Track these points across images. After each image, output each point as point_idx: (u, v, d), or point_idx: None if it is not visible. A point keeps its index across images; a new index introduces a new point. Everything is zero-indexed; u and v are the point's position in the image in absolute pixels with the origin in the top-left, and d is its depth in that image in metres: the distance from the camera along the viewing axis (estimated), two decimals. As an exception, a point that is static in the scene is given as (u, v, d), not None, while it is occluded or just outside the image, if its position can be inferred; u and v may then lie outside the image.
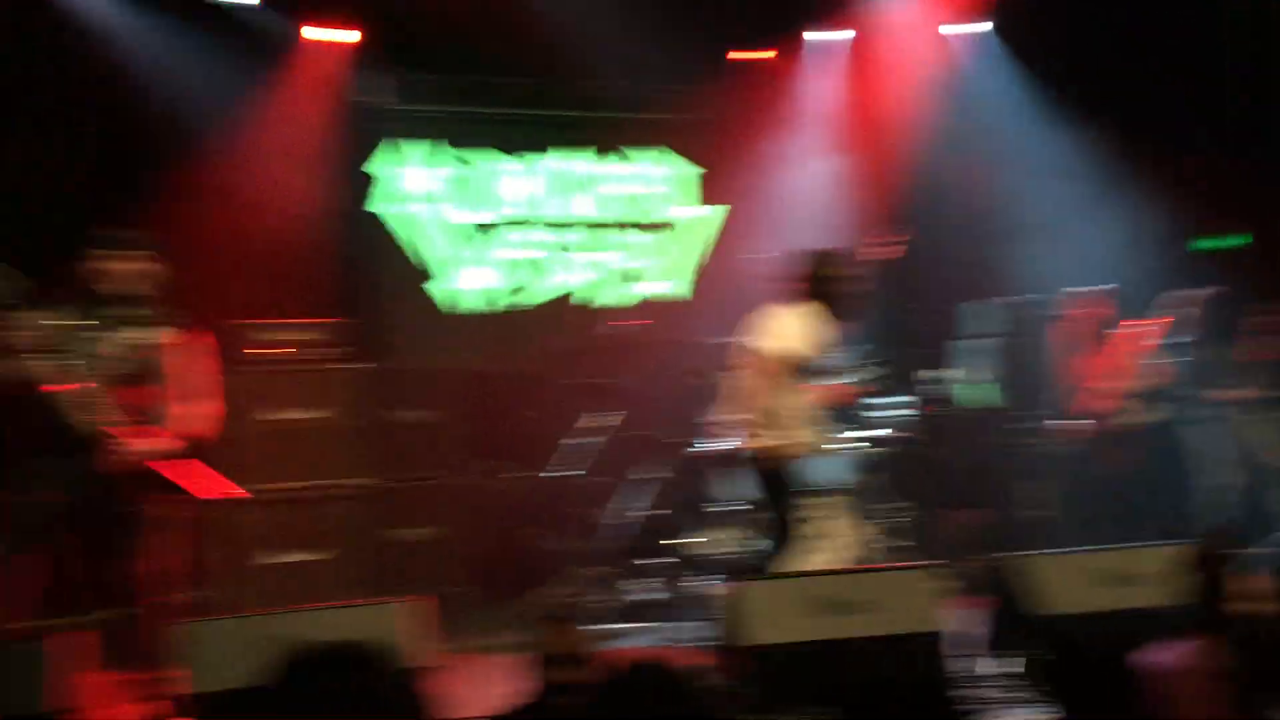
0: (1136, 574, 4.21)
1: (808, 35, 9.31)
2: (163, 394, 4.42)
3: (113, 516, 4.08)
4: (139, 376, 4.25)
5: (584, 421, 6.61)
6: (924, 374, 7.48)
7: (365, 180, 8.71)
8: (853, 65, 9.22)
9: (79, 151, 7.38)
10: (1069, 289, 7.43)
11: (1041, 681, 4.12)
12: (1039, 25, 8.52)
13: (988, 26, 9.01)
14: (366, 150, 8.74)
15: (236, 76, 7.77)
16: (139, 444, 4.26)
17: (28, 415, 4.23)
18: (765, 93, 9.27)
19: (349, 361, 6.92)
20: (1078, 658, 3.99)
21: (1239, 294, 7.30)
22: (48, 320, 4.22)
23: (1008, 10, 8.76)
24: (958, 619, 4.68)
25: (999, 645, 4.35)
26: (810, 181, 9.04)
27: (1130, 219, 7.85)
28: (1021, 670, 4.19)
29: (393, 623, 3.90)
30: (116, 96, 7.40)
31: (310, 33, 8.35)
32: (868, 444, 6.62)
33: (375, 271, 8.68)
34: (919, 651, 4.12)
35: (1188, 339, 7.02)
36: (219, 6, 7.94)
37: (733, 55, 9.29)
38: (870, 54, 9.03)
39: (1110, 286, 7.30)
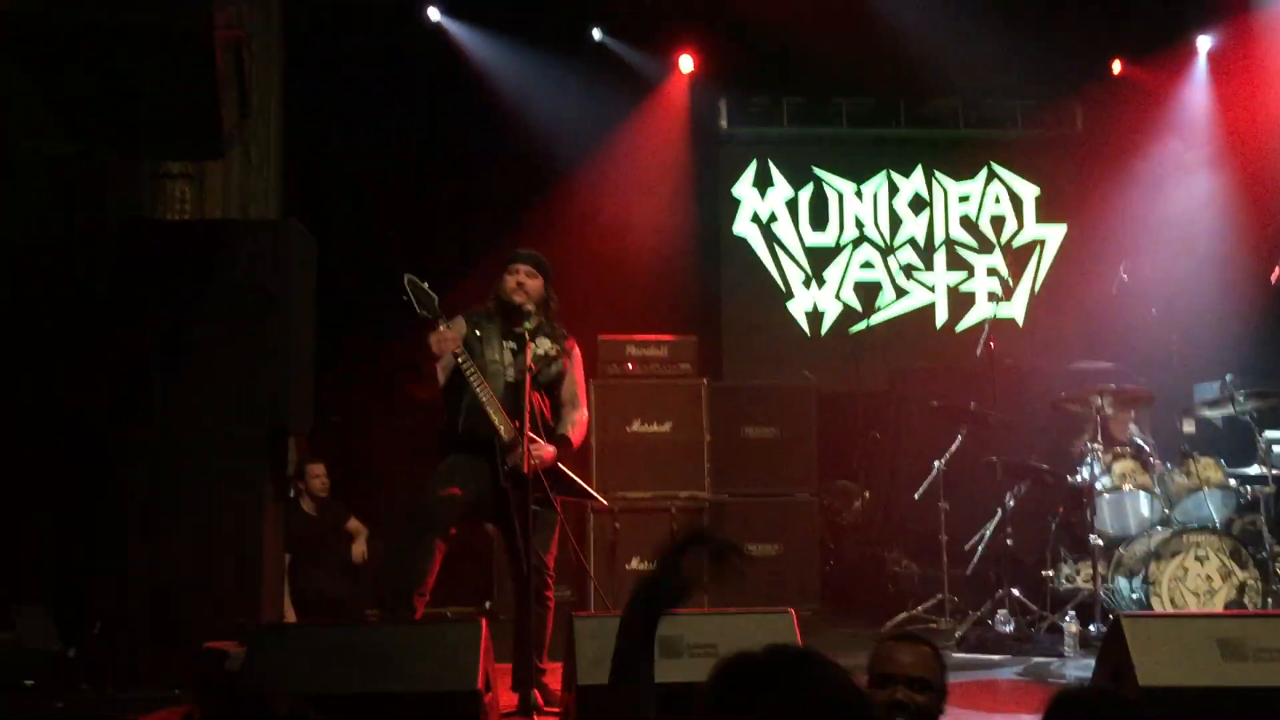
0: None
1: (1198, 41, 8.74)
2: (554, 402, 4.71)
3: (521, 514, 4.37)
4: (534, 385, 4.53)
5: (950, 444, 6.49)
6: None
7: (720, 203, 8.97)
8: (1229, 76, 8.58)
9: (467, 181, 8.06)
10: None
11: None
12: None
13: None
14: (720, 174, 9.01)
15: (600, 108, 8.23)
16: (547, 448, 4.55)
17: (445, 416, 4.62)
18: (1128, 107, 8.80)
19: (698, 377, 7.12)
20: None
21: None
22: (460, 330, 4.59)
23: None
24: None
25: None
26: (1179, 198, 8.50)
27: None
28: None
29: (790, 629, 3.97)
30: (506, 129, 8.01)
31: (677, 63, 8.69)
32: (1248, 481, 6.15)
33: (728, 291, 8.92)
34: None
35: None
36: (587, 42, 8.44)
37: (1113, 68, 8.89)
38: (1251, 64, 8.37)
39: None
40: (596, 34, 8.53)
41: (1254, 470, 6.24)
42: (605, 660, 3.96)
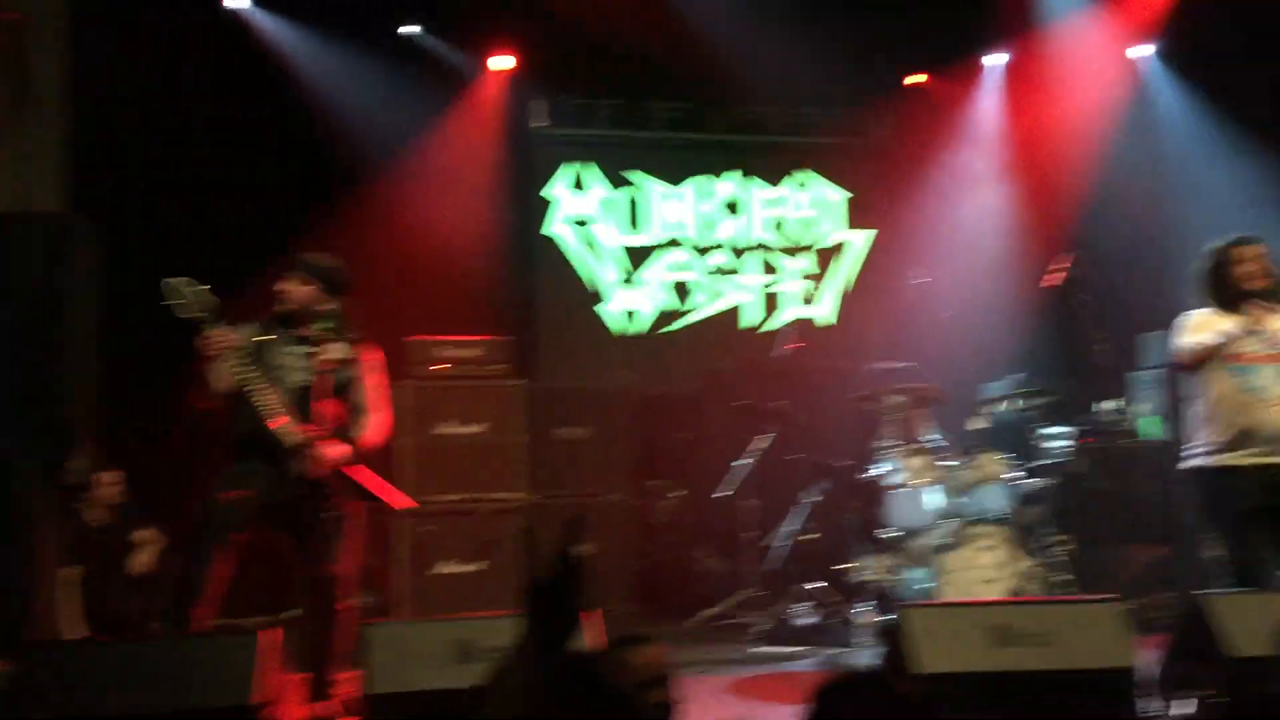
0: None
1: (985, 60, 9.16)
2: (345, 406, 4.63)
3: (310, 521, 4.28)
4: (323, 389, 4.46)
5: (751, 444, 6.62)
6: (1103, 405, 7.28)
7: (533, 203, 8.95)
8: (1020, 90, 9.04)
9: (267, 176, 7.79)
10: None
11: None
12: (1207, 47, 8.23)
13: (1151, 50, 8.76)
14: (534, 174, 9.00)
15: (412, 104, 8.10)
16: (333, 452, 4.46)
17: (229, 422, 4.47)
18: (927, 117, 9.18)
19: (510, 378, 7.07)
20: (1266, 702, 3.82)
21: None
22: (241, 334, 4.47)
23: (1176, 33, 8.47)
24: (1141, 657, 4.55)
25: (1175, 686, 4.20)
26: (973, 206, 8.91)
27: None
28: (1197, 713, 4.05)
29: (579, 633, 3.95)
30: (302, 123, 7.78)
31: (491, 62, 8.62)
32: (1029, 475, 6.48)
33: (538, 292, 8.91)
34: (1109, 689, 4.00)
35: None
36: (399, 37, 8.29)
37: (907, 81, 9.22)
38: (1038, 78, 8.84)
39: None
40: (409, 28, 8.40)
41: (1036, 464, 6.58)
42: (399, 669, 3.95)
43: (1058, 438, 7.05)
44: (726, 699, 5.04)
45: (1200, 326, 4.79)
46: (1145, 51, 8.83)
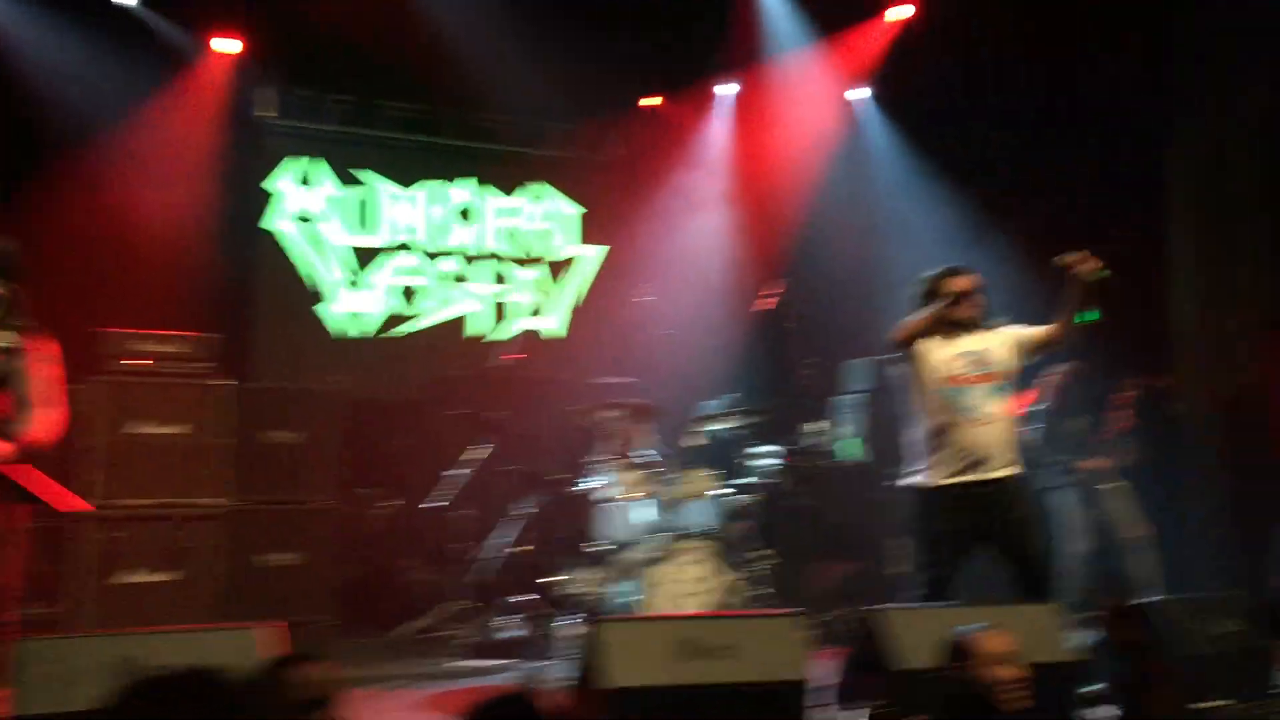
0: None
1: (717, 89, 9.44)
2: (8, 400, 4.26)
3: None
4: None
5: (465, 454, 6.53)
6: (807, 426, 7.61)
7: (254, 195, 8.56)
8: (746, 120, 9.39)
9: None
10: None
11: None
12: (916, 92, 8.80)
13: (867, 92, 9.30)
14: (257, 165, 8.60)
15: (126, 81, 7.58)
16: None
17: None
18: (660, 139, 9.39)
19: (216, 378, 6.71)
20: (928, 711, 4.07)
21: (1096, 367, 7.61)
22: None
23: (888, 78, 9.02)
24: (820, 669, 4.76)
25: (851, 697, 4.42)
26: (697, 229, 9.17)
27: (1001, 285, 8.11)
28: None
29: (252, 649, 3.78)
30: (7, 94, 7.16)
31: (214, 44, 8.18)
32: (737, 491, 6.70)
33: (255, 288, 8.52)
34: (782, 700, 4.15)
35: (1045, 409, 7.28)
36: (113, 7, 7.75)
37: (642, 102, 9.39)
38: (764, 111, 9.21)
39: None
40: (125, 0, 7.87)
41: (743, 481, 6.81)
42: (55, 688, 3.64)
43: (765, 456, 7.33)
44: (421, 714, 4.93)
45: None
46: (861, 93, 9.34)
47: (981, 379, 4.81)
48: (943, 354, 4.85)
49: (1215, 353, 8.14)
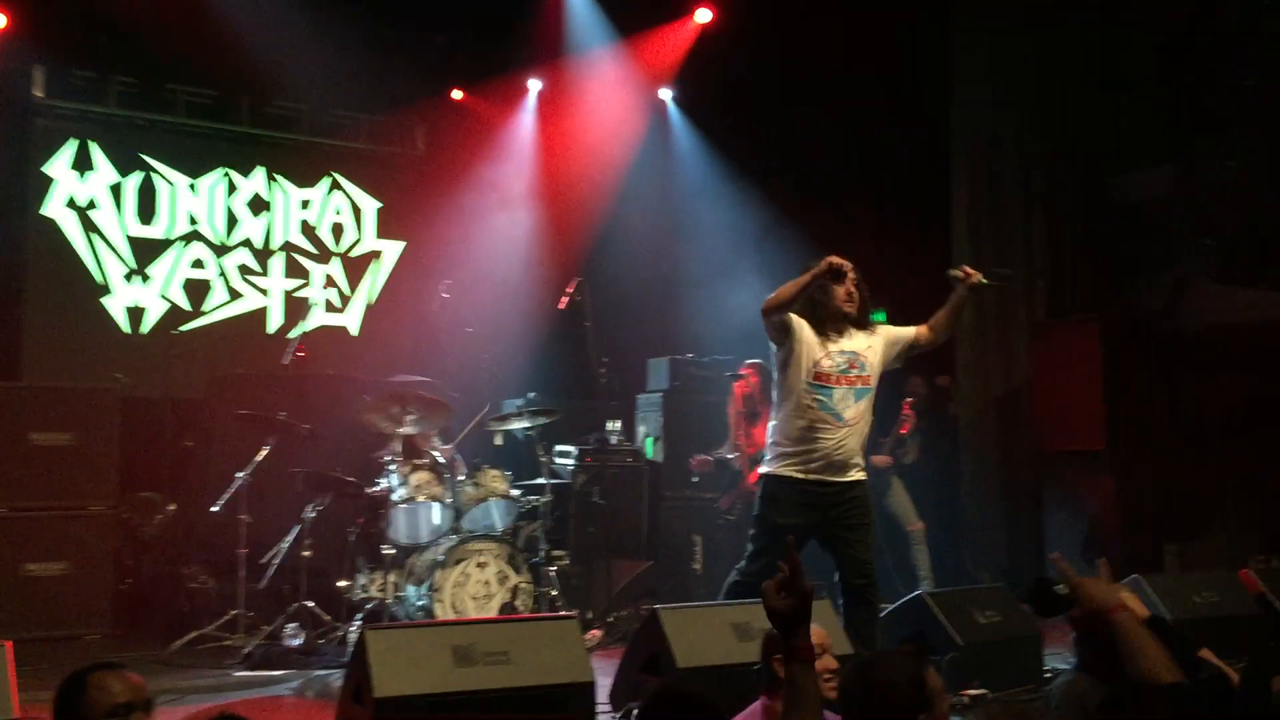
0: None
1: (524, 83, 9.37)
2: None
3: None
4: None
5: (253, 455, 6.27)
6: (609, 426, 7.62)
7: (28, 181, 8.05)
8: (550, 116, 9.36)
9: None
10: (741, 356, 7.56)
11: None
12: (714, 92, 8.96)
13: (669, 93, 9.41)
14: (31, 149, 8.09)
15: None
16: None
17: None
18: (461, 133, 9.26)
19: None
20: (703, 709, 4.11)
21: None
22: None
23: (690, 80, 9.15)
24: (603, 669, 4.76)
25: (628, 696, 4.45)
26: (498, 225, 9.09)
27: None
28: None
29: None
30: None
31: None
32: (531, 492, 6.67)
33: (25, 279, 8.02)
34: (569, 702, 4.13)
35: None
36: None
37: (445, 95, 9.24)
38: (567, 108, 9.20)
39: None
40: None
41: (538, 481, 6.77)
42: None
43: (562, 456, 7.32)
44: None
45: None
46: (664, 94, 9.44)
47: (850, 381, 4.74)
48: (818, 349, 4.74)
49: (991, 352, 8.57)
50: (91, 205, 8.32)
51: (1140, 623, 2.81)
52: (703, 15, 8.88)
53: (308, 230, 9.12)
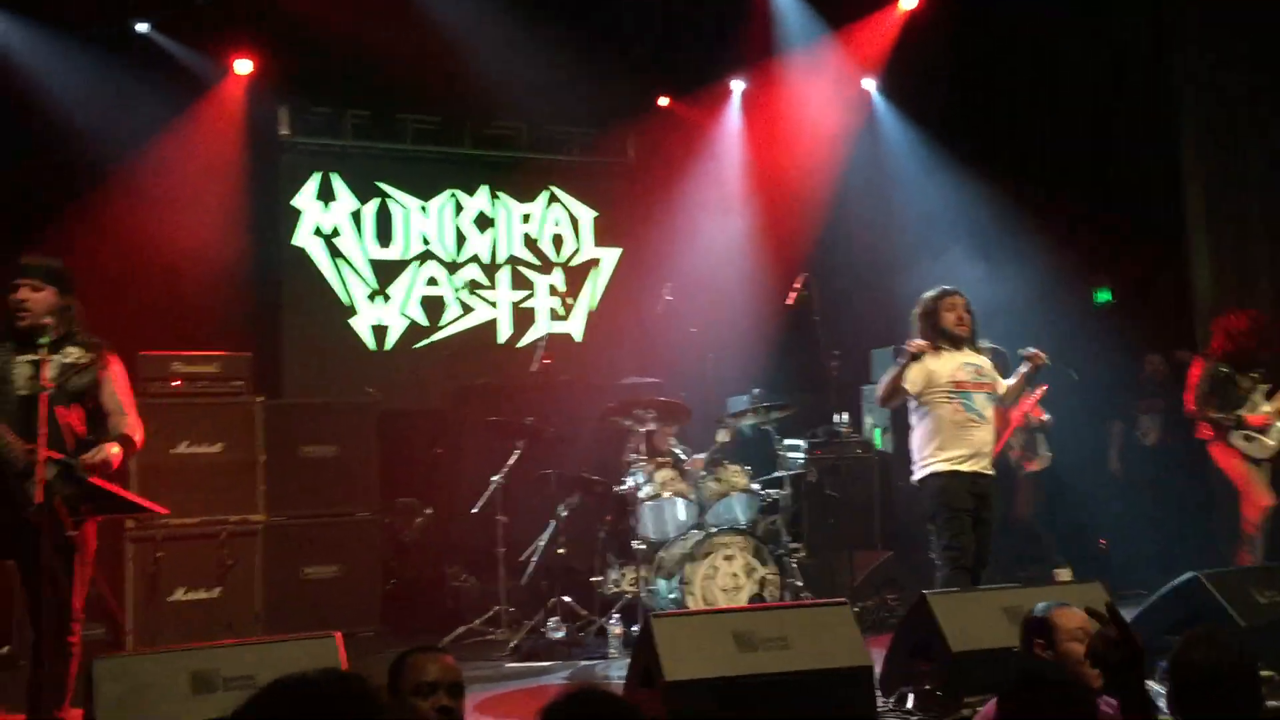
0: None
1: (731, 86, 9.51)
2: (92, 413, 4.37)
3: (40, 546, 3.98)
4: (62, 399, 4.21)
5: (504, 460, 6.62)
6: (836, 419, 7.69)
7: (278, 214, 8.66)
8: (759, 116, 9.46)
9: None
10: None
11: (940, 713, 4.27)
12: (923, 79, 8.89)
13: (874, 83, 9.36)
14: (280, 184, 8.70)
15: (145, 107, 7.70)
16: (105, 454, 4.22)
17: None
18: (672, 139, 9.46)
19: (248, 395, 6.80)
20: (983, 693, 4.14)
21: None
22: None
23: (899, 69, 9.09)
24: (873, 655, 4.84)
25: (899, 681, 4.50)
26: (716, 227, 9.24)
27: (1019, 271, 8.18)
28: (917, 706, 4.34)
29: (334, 656, 3.87)
30: (33, 126, 7.25)
31: (235, 65, 8.28)
32: (769, 485, 6.78)
33: (282, 305, 8.63)
34: (849, 686, 4.21)
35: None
36: (130, 34, 7.86)
37: (654, 103, 9.47)
38: (776, 107, 9.28)
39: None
40: (142, 27, 7.96)
41: (775, 475, 6.89)
42: (129, 704, 3.73)
43: (794, 450, 7.41)
44: (478, 716, 5.02)
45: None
46: (871, 83, 9.41)
47: (982, 386, 5.54)
48: (948, 364, 5.51)
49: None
50: (335, 233, 8.89)
51: None
52: (908, 2, 8.82)
53: (529, 243, 9.50)
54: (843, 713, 4.11)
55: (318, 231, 8.84)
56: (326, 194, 8.89)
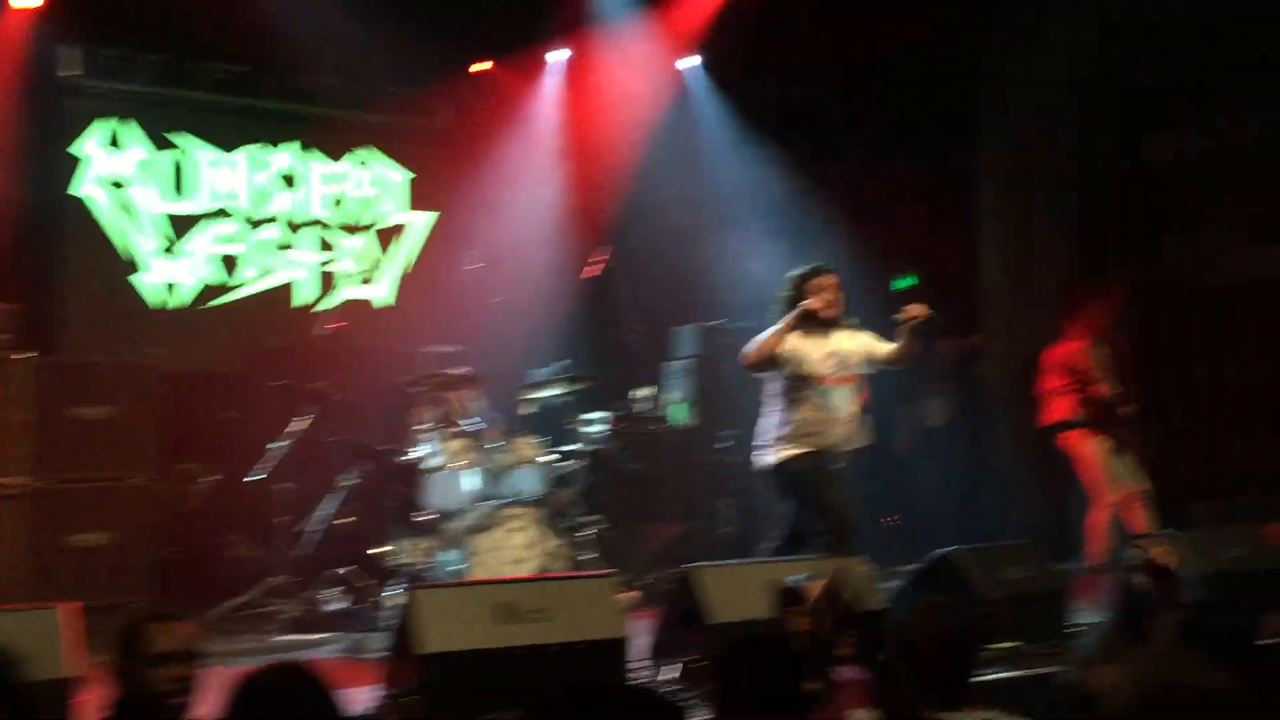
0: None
1: (548, 55, 9.39)
2: None
3: None
4: None
5: (291, 425, 6.39)
6: (637, 392, 7.70)
7: (59, 160, 8.15)
8: (576, 86, 9.37)
9: None
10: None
11: (704, 685, 4.31)
12: (746, 61, 8.95)
13: (697, 60, 9.40)
14: (62, 129, 8.18)
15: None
16: None
17: None
18: (490, 104, 9.29)
19: (17, 350, 6.39)
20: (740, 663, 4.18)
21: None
22: None
23: (716, 45, 9.14)
24: (640, 627, 4.85)
25: (666, 653, 4.53)
26: (527, 196, 9.13)
27: (820, 253, 8.33)
28: (682, 675, 4.39)
29: (52, 630, 3.67)
30: None
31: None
32: (564, 458, 6.75)
33: (61, 258, 8.14)
34: (603, 658, 4.21)
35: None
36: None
37: (472, 68, 9.27)
38: (593, 78, 9.21)
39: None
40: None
41: (572, 447, 6.86)
42: None
43: (594, 422, 7.39)
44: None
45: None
46: (689, 60, 9.43)
47: (844, 380, 5.32)
48: (814, 352, 5.26)
49: (1021, 312, 8.58)
50: (124, 183, 8.41)
51: None
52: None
53: (338, 203, 9.19)
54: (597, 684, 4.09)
55: (103, 181, 8.34)
56: (114, 141, 8.40)
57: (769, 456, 5.44)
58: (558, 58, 9.47)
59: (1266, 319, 7.53)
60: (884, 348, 5.45)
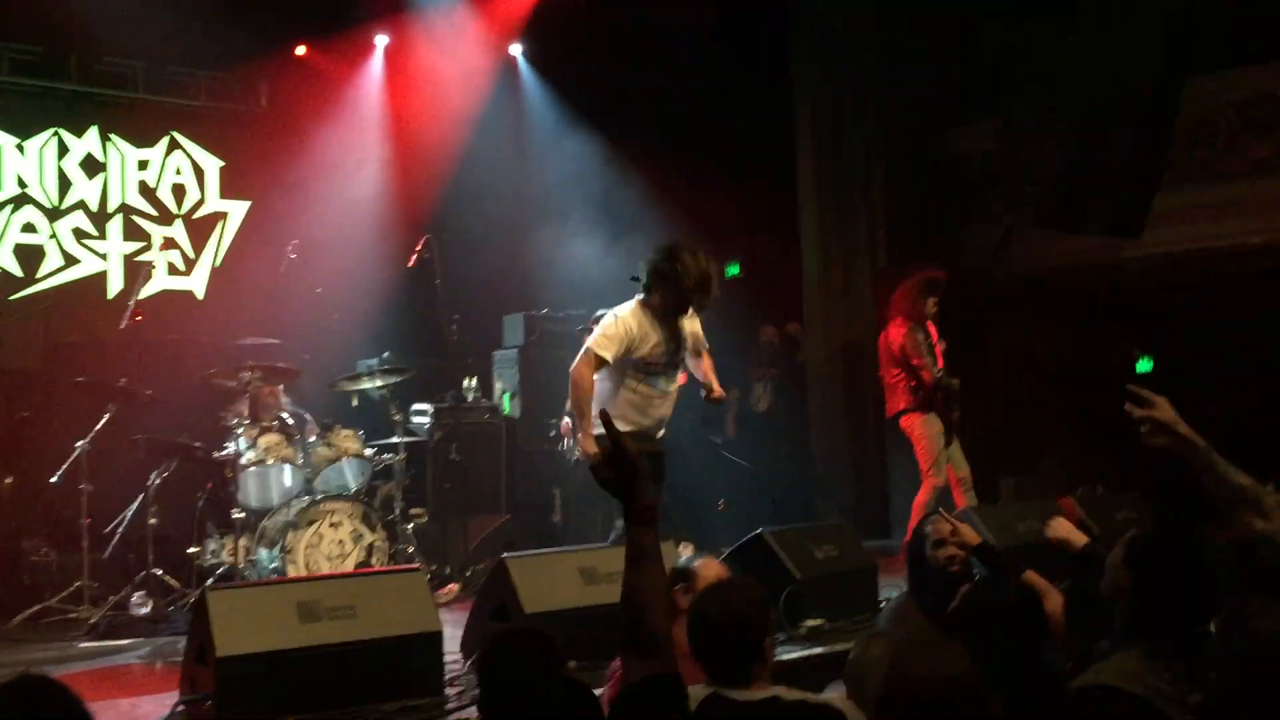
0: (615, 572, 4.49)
1: (372, 40, 9.17)
2: None
3: None
4: None
5: (94, 424, 6.10)
6: (465, 383, 7.62)
7: None
8: (397, 72, 9.21)
9: None
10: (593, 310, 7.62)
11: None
12: (563, 46, 8.95)
13: (518, 48, 9.36)
14: None
15: None
16: None
17: None
18: (307, 90, 9.04)
19: None
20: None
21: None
22: None
23: (540, 35, 9.11)
24: (460, 621, 4.82)
25: (477, 644, 4.50)
26: (346, 184, 8.92)
27: (645, 242, 8.39)
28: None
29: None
30: None
31: None
32: (385, 451, 6.64)
33: None
34: (416, 652, 4.16)
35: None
36: None
37: (289, 51, 8.99)
38: (415, 64, 9.06)
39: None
40: None
41: (393, 440, 6.74)
42: None
43: (418, 414, 7.30)
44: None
45: (621, 338, 5.08)
46: (513, 49, 9.37)
47: (670, 366, 5.21)
48: (651, 337, 5.08)
49: (837, 300, 8.84)
50: (-91, 168, 7.90)
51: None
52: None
53: (146, 191, 8.81)
54: (409, 679, 4.06)
55: (-114, 167, 7.82)
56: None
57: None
58: (383, 42, 9.27)
59: (1058, 306, 7.94)
60: (701, 337, 5.45)
